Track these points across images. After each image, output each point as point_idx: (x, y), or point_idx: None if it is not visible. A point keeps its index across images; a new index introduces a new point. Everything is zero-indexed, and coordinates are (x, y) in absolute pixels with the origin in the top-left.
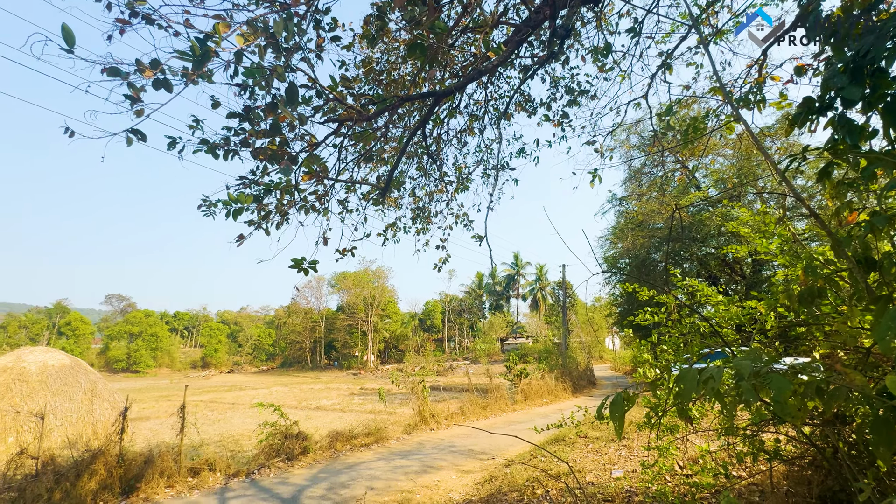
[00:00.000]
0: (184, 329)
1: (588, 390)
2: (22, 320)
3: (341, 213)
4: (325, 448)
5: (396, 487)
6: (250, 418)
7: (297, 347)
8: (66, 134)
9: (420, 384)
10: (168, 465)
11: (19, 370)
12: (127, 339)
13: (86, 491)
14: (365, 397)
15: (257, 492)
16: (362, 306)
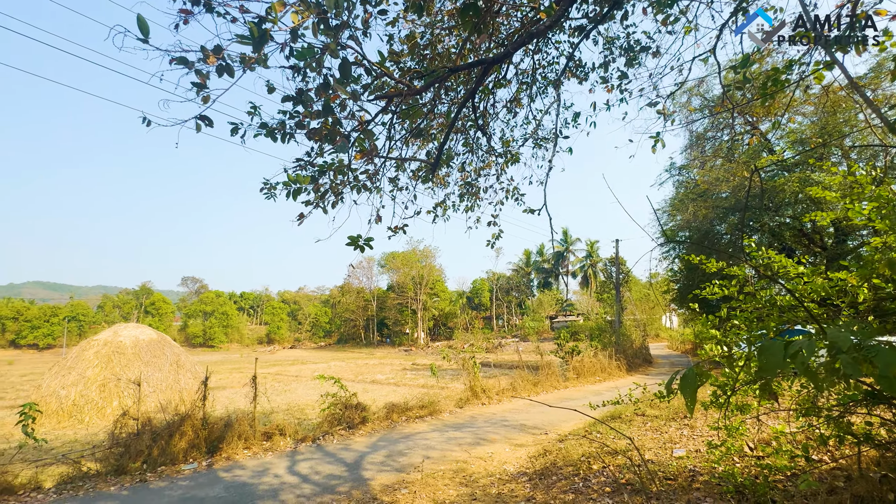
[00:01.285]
0: (249, 308)
1: (644, 369)
2: (115, 301)
3: (392, 192)
4: (382, 419)
5: (451, 457)
6: (312, 390)
7: (351, 325)
8: (144, 123)
9: (471, 360)
10: (245, 429)
11: (117, 344)
12: (202, 317)
13: (178, 449)
14: (417, 372)
15: (323, 456)
16: (411, 285)
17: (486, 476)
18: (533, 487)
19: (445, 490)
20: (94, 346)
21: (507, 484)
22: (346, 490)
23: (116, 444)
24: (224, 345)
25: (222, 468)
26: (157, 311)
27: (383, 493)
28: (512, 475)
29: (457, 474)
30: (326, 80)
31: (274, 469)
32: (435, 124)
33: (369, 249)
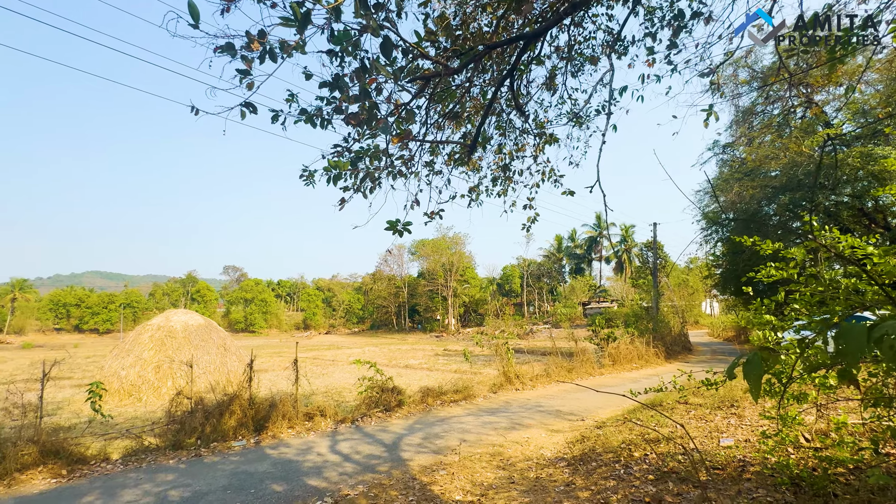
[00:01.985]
0: (286, 295)
1: (683, 356)
2: (164, 289)
3: (428, 176)
4: (417, 402)
5: (487, 441)
6: (349, 373)
7: (383, 311)
8: (192, 112)
9: (504, 346)
10: (288, 409)
11: (169, 328)
12: (243, 304)
13: (228, 427)
14: (449, 358)
15: (362, 436)
16: (441, 272)
17: (524, 460)
18: (572, 473)
19: (483, 472)
20: (148, 330)
21: (546, 468)
22: (386, 470)
23: (173, 422)
24: (264, 330)
25: (269, 446)
26: (203, 299)
27: (422, 474)
28: (550, 460)
29: (494, 458)
30: (364, 64)
31: (317, 448)
32: (468, 106)
33: (407, 234)
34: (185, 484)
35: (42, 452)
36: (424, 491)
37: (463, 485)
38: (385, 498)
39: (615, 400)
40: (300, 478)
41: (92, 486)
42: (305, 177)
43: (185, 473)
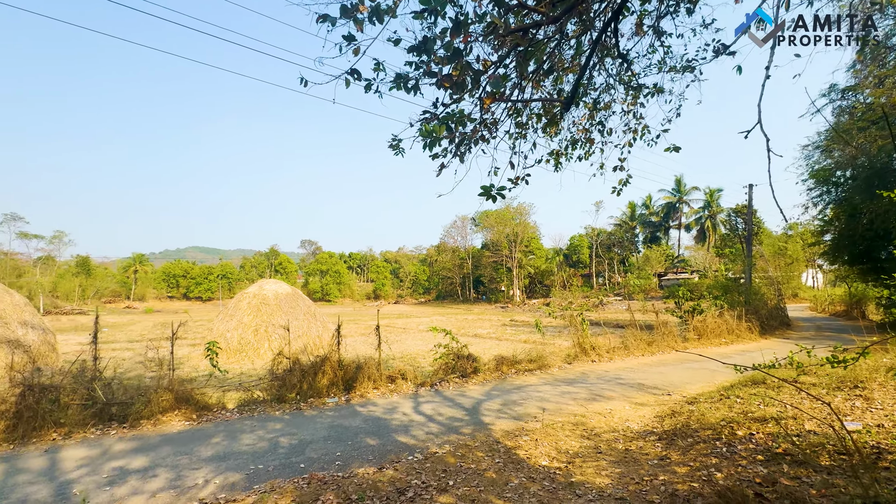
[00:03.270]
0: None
1: (781, 332)
2: (252, 262)
3: (514, 140)
4: (492, 370)
5: (567, 410)
6: (420, 340)
7: (448, 282)
8: (301, 84)
9: (579, 317)
10: (372, 371)
11: (262, 296)
12: (319, 275)
13: (321, 385)
14: (516, 328)
15: (442, 400)
16: (506, 243)
17: (609, 431)
18: (666, 447)
19: (567, 441)
20: (246, 298)
21: (634, 441)
22: (470, 432)
23: (275, 378)
24: (338, 300)
25: (358, 404)
26: (284, 270)
27: (506, 439)
28: (638, 433)
29: (576, 427)
30: (457, 21)
31: (401, 408)
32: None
33: (500, 198)
34: (291, 433)
35: (176, 399)
36: (510, 454)
37: (548, 451)
38: (472, 458)
39: (703, 375)
40: (390, 434)
41: (217, 430)
42: (394, 145)
43: (290, 424)
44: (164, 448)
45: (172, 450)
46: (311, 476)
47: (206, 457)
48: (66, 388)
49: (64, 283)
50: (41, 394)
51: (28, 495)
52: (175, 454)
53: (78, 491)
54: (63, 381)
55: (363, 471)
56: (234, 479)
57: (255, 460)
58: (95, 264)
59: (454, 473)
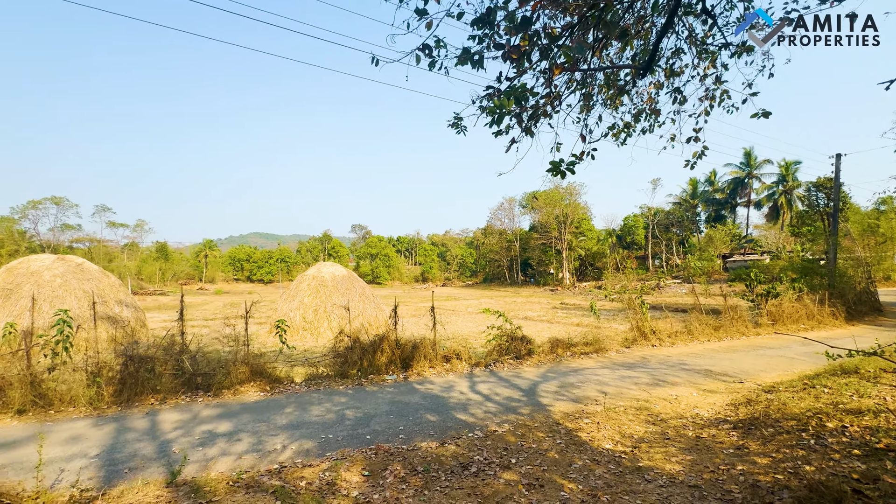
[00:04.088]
0: (405, 250)
1: (872, 318)
2: (307, 246)
3: (582, 111)
4: (546, 352)
5: (629, 395)
6: (471, 322)
7: (495, 265)
8: (373, 63)
9: (638, 300)
10: (428, 351)
11: (320, 278)
12: (369, 259)
13: (380, 363)
14: (567, 311)
15: (498, 380)
16: (555, 224)
17: (676, 418)
18: (742, 436)
19: (631, 425)
20: (306, 280)
21: (706, 429)
22: (528, 412)
23: (338, 355)
24: (388, 282)
25: (415, 382)
26: (337, 254)
27: (566, 420)
28: (708, 420)
29: (640, 412)
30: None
31: (458, 387)
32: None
33: (570, 174)
34: (355, 406)
35: (252, 372)
36: (571, 436)
37: (611, 434)
38: (532, 438)
39: (780, 363)
40: (449, 411)
41: (288, 401)
42: (455, 124)
43: (353, 398)
44: (245, 415)
45: (251, 417)
46: (378, 447)
47: (282, 425)
48: (160, 360)
49: (146, 266)
50: (139, 364)
51: (137, 451)
52: (254, 421)
53: (177, 449)
54: (156, 353)
55: (426, 445)
56: (308, 446)
57: (324, 430)
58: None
59: (515, 452)
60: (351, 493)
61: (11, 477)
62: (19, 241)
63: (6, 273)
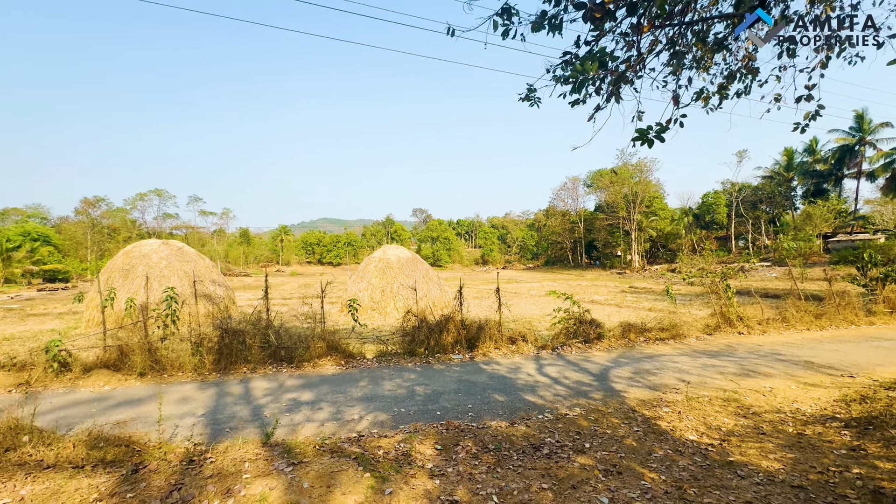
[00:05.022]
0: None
1: None
2: (371, 230)
3: (668, 76)
4: (618, 336)
5: (713, 385)
6: (533, 305)
7: (558, 247)
8: (448, 34)
9: (723, 283)
10: (493, 332)
11: (386, 260)
12: (430, 242)
13: (446, 342)
14: (637, 295)
15: (566, 364)
16: (623, 204)
17: (772, 412)
18: (858, 436)
19: (717, 417)
20: (372, 262)
21: (810, 426)
22: (600, 398)
23: (406, 334)
24: (448, 265)
25: (481, 362)
26: (399, 238)
27: (642, 408)
28: (812, 416)
29: (728, 403)
30: None
31: (524, 368)
32: None
33: (659, 143)
34: (424, 383)
35: (328, 347)
36: (649, 424)
37: (694, 425)
38: (606, 423)
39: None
40: (517, 392)
41: (361, 375)
42: (528, 96)
43: (422, 375)
44: (324, 387)
45: (329, 389)
46: (449, 423)
47: (357, 397)
48: (249, 333)
49: (232, 250)
50: (233, 336)
51: (235, 413)
52: (332, 392)
53: (268, 413)
54: (246, 327)
55: (495, 424)
56: (382, 418)
57: (396, 404)
58: (252, 235)
59: (589, 436)
60: (426, 465)
61: (140, 429)
62: (131, 229)
63: (124, 256)
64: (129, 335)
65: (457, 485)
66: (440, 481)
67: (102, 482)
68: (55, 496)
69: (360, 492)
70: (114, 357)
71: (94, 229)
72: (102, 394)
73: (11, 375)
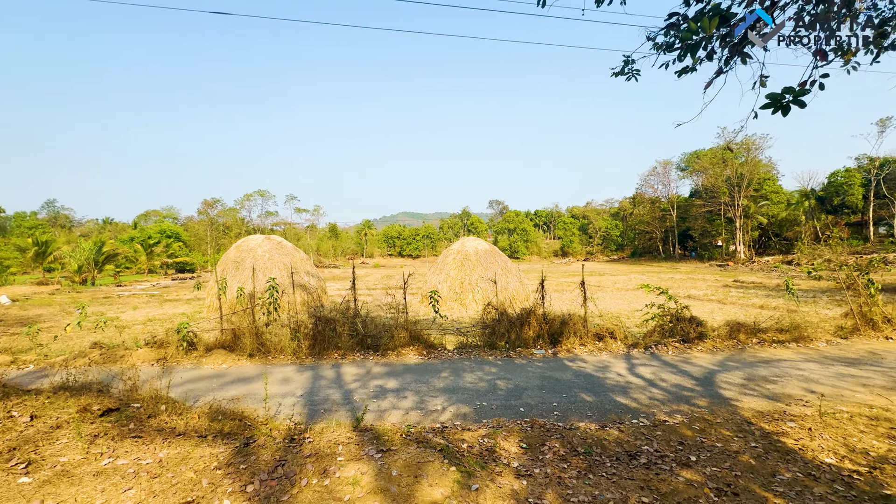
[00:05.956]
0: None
1: None
2: (448, 222)
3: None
4: (723, 337)
5: (854, 399)
6: (619, 299)
7: (646, 237)
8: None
9: (863, 277)
10: (578, 327)
11: (465, 252)
12: (507, 233)
13: (527, 336)
14: (744, 290)
15: (661, 364)
16: (725, 188)
17: None
18: None
19: (863, 438)
20: (451, 254)
21: None
22: (706, 405)
23: (486, 327)
24: (525, 257)
25: (566, 358)
26: (475, 230)
27: (760, 420)
28: None
29: (877, 423)
30: None
31: (613, 367)
32: None
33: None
34: (505, 378)
35: (410, 337)
36: (770, 440)
37: (831, 445)
38: (716, 435)
39: None
40: (606, 393)
41: (443, 366)
42: (623, 70)
43: (503, 369)
44: (407, 375)
45: (413, 378)
46: (533, 420)
47: (439, 388)
48: (339, 321)
49: (322, 244)
50: (325, 324)
51: (328, 396)
52: (415, 382)
53: (357, 399)
54: (336, 316)
55: (584, 425)
56: (465, 410)
57: (478, 397)
58: (340, 230)
59: (694, 448)
60: (511, 463)
61: (249, 405)
62: (241, 226)
63: (235, 250)
64: (239, 320)
65: (545, 488)
66: (527, 482)
67: (220, 452)
68: (185, 461)
69: (446, 485)
70: (229, 339)
71: (212, 227)
72: (220, 371)
73: (153, 351)
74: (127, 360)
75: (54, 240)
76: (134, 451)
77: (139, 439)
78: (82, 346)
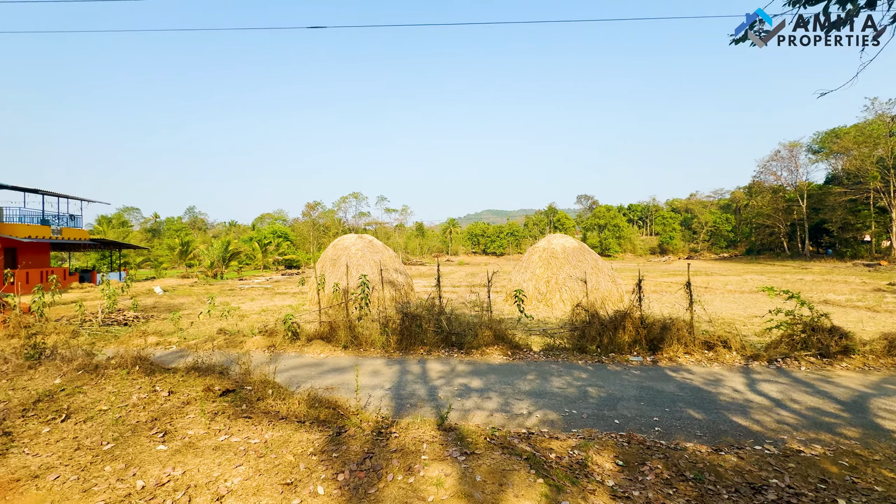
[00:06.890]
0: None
1: None
2: (533, 219)
3: None
4: (880, 354)
5: None
6: (732, 303)
7: (766, 232)
8: None
9: None
10: (683, 334)
11: (550, 250)
12: (597, 230)
13: (622, 341)
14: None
15: (792, 382)
16: (876, 171)
17: None
18: None
19: None
20: (536, 252)
21: None
22: (857, 436)
23: (575, 329)
24: (618, 254)
25: (668, 367)
26: (562, 226)
27: None
28: None
29: None
30: None
31: (728, 382)
32: None
33: None
34: (597, 385)
35: (495, 336)
36: None
37: None
38: (874, 476)
39: None
40: (720, 411)
41: (528, 368)
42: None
43: (594, 375)
44: (491, 376)
45: (497, 378)
46: (631, 435)
47: (525, 391)
48: (425, 318)
49: (410, 242)
50: (412, 320)
51: (414, 391)
52: (500, 383)
53: (442, 396)
54: (422, 312)
55: (692, 446)
56: (553, 417)
57: (567, 404)
58: (426, 228)
59: (843, 489)
60: (606, 482)
61: (342, 395)
62: (338, 226)
63: (332, 248)
64: (335, 313)
65: None
66: None
67: (316, 438)
68: (286, 444)
69: (532, 497)
70: (326, 331)
71: (314, 227)
72: (319, 360)
73: (264, 339)
74: (244, 345)
75: (193, 240)
76: (245, 430)
77: (249, 419)
78: (210, 332)
